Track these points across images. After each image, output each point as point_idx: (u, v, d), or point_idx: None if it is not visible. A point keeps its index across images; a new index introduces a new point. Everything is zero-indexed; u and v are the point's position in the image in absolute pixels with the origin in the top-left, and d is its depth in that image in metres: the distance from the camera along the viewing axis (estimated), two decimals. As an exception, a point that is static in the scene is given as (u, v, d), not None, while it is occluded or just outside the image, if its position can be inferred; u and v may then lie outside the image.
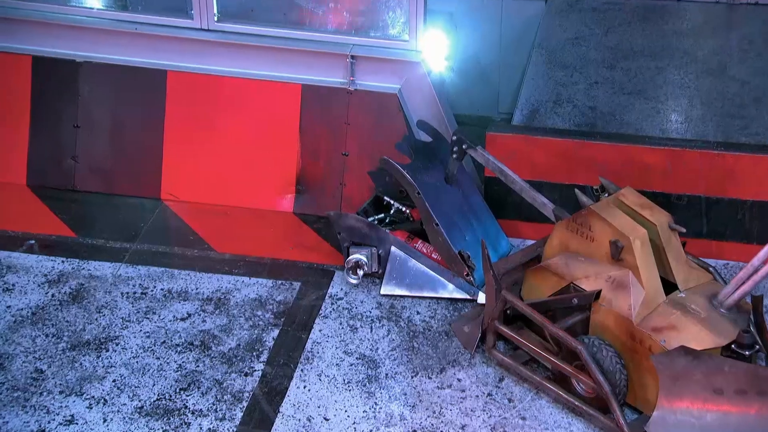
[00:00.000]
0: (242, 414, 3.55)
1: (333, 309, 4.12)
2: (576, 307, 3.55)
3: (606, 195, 3.76)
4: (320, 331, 3.98)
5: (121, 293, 4.17)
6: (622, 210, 3.61)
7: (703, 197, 4.26)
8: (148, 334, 3.95)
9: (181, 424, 3.51)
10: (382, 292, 4.16)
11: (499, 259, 4.08)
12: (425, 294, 4.13)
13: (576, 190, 3.87)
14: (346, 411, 3.58)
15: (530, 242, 4.48)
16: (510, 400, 3.62)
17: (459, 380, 3.72)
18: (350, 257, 4.19)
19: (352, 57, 4.54)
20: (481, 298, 4.09)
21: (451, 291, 4.12)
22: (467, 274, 4.10)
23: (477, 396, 3.64)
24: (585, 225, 3.59)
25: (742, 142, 4.37)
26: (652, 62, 4.90)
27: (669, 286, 3.57)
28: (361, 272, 4.19)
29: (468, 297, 4.10)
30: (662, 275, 3.57)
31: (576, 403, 3.44)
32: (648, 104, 4.67)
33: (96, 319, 4.02)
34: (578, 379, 3.44)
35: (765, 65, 4.84)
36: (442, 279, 4.12)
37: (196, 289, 4.24)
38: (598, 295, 3.50)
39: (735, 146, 4.26)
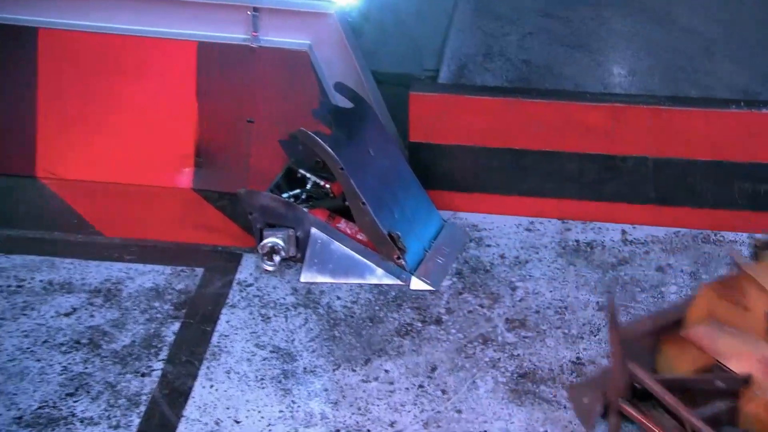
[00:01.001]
0: (140, 420, 3.49)
1: (242, 297, 4.07)
2: (722, 391, 3.09)
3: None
4: (228, 322, 3.94)
5: (-7, 287, 4.07)
6: None
7: (650, 158, 4.31)
8: (26, 333, 3.86)
9: (69, 434, 3.45)
10: (302, 279, 4.13)
11: (630, 321, 3.72)
12: (351, 280, 4.11)
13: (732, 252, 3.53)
14: (259, 411, 3.54)
15: (463, 215, 4.49)
16: (444, 392, 3.62)
17: (386, 372, 3.71)
18: (264, 241, 4.13)
19: (254, 9, 4.47)
20: (414, 283, 4.08)
21: (380, 276, 4.10)
22: (398, 257, 4.09)
23: (407, 389, 3.63)
24: (737, 290, 3.15)
25: (693, 96, 4.42)
26: (593, 11, 4.93)
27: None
28: (277, 258, 4.14)
29: (399, 282, 4.09)
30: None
31: None
32: (589, 57, 4.70)
33: (-37, 318, 3.91)
34: None
35: (716, 12, 4.91)
36: (369, 263, 4.11)
37: (82, 279, 4.16)
38: (748, 379, 3.07)
39: (685, 101, 4.30)
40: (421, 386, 3.64)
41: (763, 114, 4.18)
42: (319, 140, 4.04)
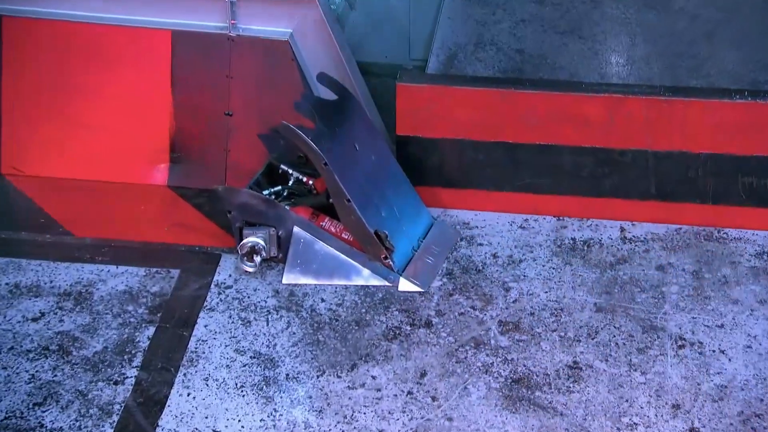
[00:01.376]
0: (113, 430, 3.46)
1: (220, 300, 4.04)
2: None
3: None
4: (206, 326, 3.91)
5: (-44, 291, 4.03)
6: None
7: (650, 152, 4.29)
8: (-9, 339, 3.83)
9: (37, 446, 3.42)
10: (284, 281, 4.09)
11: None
12: (336, 281, 4.08)
13: None
14: (239, 420, 3.51)
15: (453, 212, 4.46)
16: (434, 399, 3.60)
17: (373, 378, 3.68)
18: (244, 241, 4.10)
19: (233, -4, 4.44)
20: (403, 285, 4.05)
21: (366, 277, 4.07)
22: (385, 257, 4.06)
23: (395, 395, 3.61)
24: None
25: (693, 85, 4.41)
26: (586, -6, 4.92)
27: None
28: (258, 258, 4.11)
29: (386, 283, 4.06)
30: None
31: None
32: (583, 44, 4.68)
33: (-75, 324, 3.87)
34: None
35: (715, -6, 4.89)
36: (355, 264, 4.08)
37: (51, 282, 4.12)
38: None
39: (685, 91, 4.29)
40: (410, 393, 3.61)
41: None
42: (302, 134, 4.01)
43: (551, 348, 3.80)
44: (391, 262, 4.07)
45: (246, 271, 4.12)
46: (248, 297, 4.05)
